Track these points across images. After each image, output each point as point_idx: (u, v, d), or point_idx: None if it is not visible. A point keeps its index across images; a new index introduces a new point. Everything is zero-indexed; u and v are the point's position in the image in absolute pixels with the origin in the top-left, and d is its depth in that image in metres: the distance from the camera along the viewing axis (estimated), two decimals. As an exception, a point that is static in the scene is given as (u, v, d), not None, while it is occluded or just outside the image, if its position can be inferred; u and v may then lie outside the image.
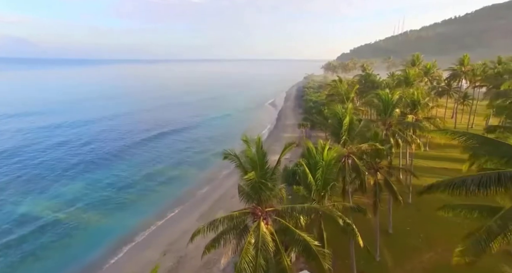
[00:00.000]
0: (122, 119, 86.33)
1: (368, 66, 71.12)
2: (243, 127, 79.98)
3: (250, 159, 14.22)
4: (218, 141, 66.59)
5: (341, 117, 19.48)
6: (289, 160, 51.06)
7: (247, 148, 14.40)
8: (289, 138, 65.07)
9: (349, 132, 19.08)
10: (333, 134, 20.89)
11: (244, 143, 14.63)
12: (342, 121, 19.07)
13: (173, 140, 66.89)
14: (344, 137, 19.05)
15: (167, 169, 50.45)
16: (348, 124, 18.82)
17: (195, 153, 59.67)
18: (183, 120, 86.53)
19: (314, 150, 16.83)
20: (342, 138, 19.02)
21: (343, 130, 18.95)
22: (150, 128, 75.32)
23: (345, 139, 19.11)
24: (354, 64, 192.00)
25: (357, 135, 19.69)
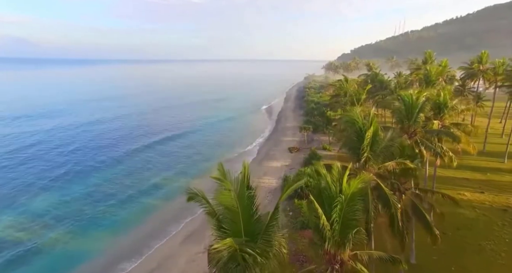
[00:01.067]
0: (117, 122, 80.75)
1: (374, 65, 66.59)
2: (242, 130, 75.37)
3: (228, 210, 9.24)
4: (215, 147, 61.46)
5: (362, 127, 14.65)
6: (290, 168, 46.26)
7: (221, 191, 9.53)
8: (290, 142, 60.32)
9: (372, 147, 14.37)
10: (349, 149, 15.99)
11: (217, 180, 9.80)
12: (363, 132, 14.31)
13: (166, 147, 60.48)
14: (366, 154, 14.32)
15: (156, 178, 45.35)
16: (371, 137, 14.06)
17: (191, 161, 54.25)
18: (182, 124, 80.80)
19: (329, 179, 11.71)
20: (364, 155, 14.30)
21: (365, 144, 14.21)
22: (143, 134, 69.74)
23: (367, 157, 14.38)
24: (356, 64, 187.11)
25: (382, 151, 14.90)
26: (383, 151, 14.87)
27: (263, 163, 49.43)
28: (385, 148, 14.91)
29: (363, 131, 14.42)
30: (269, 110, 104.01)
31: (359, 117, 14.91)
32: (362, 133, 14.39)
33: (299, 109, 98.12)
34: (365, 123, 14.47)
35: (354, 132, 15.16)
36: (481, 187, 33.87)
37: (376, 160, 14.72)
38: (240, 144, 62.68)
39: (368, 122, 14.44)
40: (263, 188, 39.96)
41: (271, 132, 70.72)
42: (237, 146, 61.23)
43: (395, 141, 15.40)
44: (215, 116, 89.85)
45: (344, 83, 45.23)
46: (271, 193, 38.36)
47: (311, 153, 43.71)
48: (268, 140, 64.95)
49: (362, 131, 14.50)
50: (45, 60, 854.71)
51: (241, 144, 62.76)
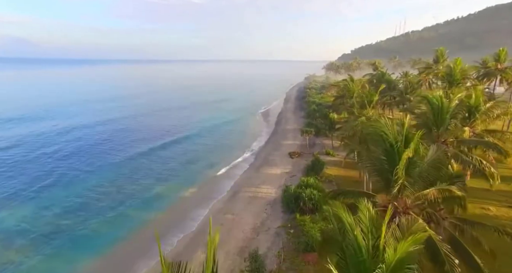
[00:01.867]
0: (111, 126, 75.73)
1: (379, 64, 62.71)
2: (241, 133, 71.48)
3: None
4: (213, 152, 57.41)
5: (394, 143, 10.60)
6: (291, 175, 42.33)
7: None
8: (290, 146, 56.40)
9: (408, 170, 10.52)
10: (375, 171, 11.98)
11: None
12: (396, 151, 10.32)
13: (161, 154, 55.13)
14: (400, 181, 10.42)
15: (147, 188, 41.33)
16: (408, 157, 10.09)
17: (184, 170, 50.05)
18: (181, 128, 76.24)
19: (358, 233, 7.39)
20: (398, 182, 10.39)
21: (400, 168, 10.28)
22: (138, 139, 64.93)
23: (401, 185, 10.49)
24: (358, 63, 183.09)
25: (421, 175, 10.94)
26: (423, 175, 11.00)
27: (262, 170, 45.53)
28: (426, 171, 11.04)
29: (395, 149, 10.49)
30: (268, 112, 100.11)
31: (391, 130, 10.83)
32: (394, 152, 10.48)
33: (299, 110, 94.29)
34: (398, 138, 10.47)
35: (382, 150, 11.20)
36: (507, 200, 29.98)
37: (412, 187, 10.89)
38: (238, 148, 58.85)
39: (402, 136, 10.46)
40: (260, 199, 36.12)
41: (271, 135, 66.82)
42: (235, 150, 57.42)
43: (443, 162, 11.43)
44: (214, 118, 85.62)
45: (350, 83, 41.40)
46: (270, 205, 34.47)
47: (314, 160, 39.81)
48: (268, 143, 61.07)
49: (394, 149, 10.57)
50: (45, 60, 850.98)
51: (239, 148, 58.93)
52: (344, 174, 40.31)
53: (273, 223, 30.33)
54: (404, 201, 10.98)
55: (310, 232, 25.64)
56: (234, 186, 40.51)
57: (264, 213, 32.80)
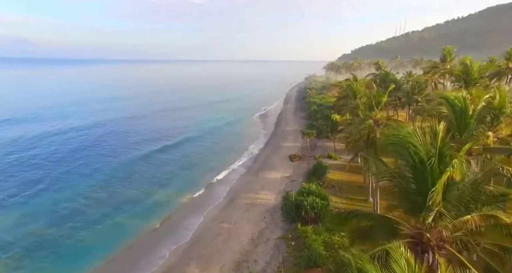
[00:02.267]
0: (108, 127, 72.79)
1: (383, 63, 60.38)
2: (239, 135, 69.33)
3: None
4: (212, 155, 55.28)
5: (427, 159, 8.43)
6: (291, 180, 40.20)
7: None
8: (291, 149, 54.26)
9: (445, 194, 8.23)
10: (400, 192, 9.48)
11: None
12: (432, 169, 7.88)
13: (159, 157, 52.57)
14: (437, 209, 8.12)
15: (140, 194, 38.99)
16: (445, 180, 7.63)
17: (181, 173, 47.60)
18: (182, 129, 73.85)
19: None
20: (434, 210, 8.08)
21: (436, 192, 7.95)
22: (138, 141, 61.81)
23: (438, 212, 8.22)
24: (359, 63, 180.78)
25: (462, 200, 8.51)
26: (464, 200, 8.65)
27: (260, 174, 43.35)
28: (469, 195, 8.70)
29: (427, 166, 8.08)
30: (268, 113, 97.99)
31: (421, 141, 8.40)
32: (426, 170, 8.09)
33: (299, 111, 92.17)
34: (431, 152, 8.04)
35: (409, 166, 8.82)
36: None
37: (450, 214, 8.59)
38: (237, 151, 56.79)
39: (434, 149, 8.07)
40: (259, 206, 33.96)
41: (270, 137, 64.63)
42: (233, 153, 55.35)
43: (488, 180, 9.14)
44: (214, 120, 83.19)
45: (353, 83, 39.24)
46: (269, 213, 32.32)
47: (316, 164, 37.65)
48: (267, 145, 58.90)
49: (425, 166, 8.19)
50: (45, 60, 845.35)
51: (238, 151, 56.86)
52: (348, 179, 38.16)
53: (273, 234, 28.17)
54: (439, 232, 8.76)
55: (313, 245, 23.52)
56: (231, 191, 38.36)
57: (263, 221, 30.65)
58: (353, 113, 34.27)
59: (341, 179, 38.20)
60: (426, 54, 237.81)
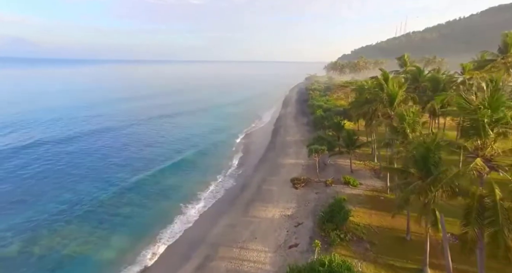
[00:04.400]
0: (93, 139, 58.98)
1: (408, 58, 48.25)
2: (228, 146, 56.94)
3: None
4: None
5: None
6: (295, 222, 27.91)
7: None
8: (293, 168, 41.97)
9: None
10: None
11: None
12: None
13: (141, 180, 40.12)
14: None
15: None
16: None
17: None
18: (176, 137, 61.60)
19: None
20: None
21: None
22: (124, 160, 49.55)
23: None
24: (364, 62, 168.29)
25: None
26: None
27: (251, 210, 30.87)
28: None
29: None
30: (264, 119, 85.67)
31: None
32: None
33: (301, 115, 79.89)
34: None
35: None
36: None
37: None
38: (221, 169, 44.49)
39: None
40: (247, 277, 21.50)
41: (266, 150, 52.10)
42: (215, 172, 43.03)
43: None
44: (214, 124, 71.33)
45: (385, 83, 26.88)
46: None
47: (333, 203, 25.05)
48: (262, 162, 46.47)
49: None
50: (46, 60, 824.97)
51: (222, 168, 44.58)
52: (381, 223, 25.81)
53: None
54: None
55: None
56: (206, 244, 25.81)
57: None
58: (391, 127, 22.01)
59: (370, 223, 25.83)
60: (429, 54, 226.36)
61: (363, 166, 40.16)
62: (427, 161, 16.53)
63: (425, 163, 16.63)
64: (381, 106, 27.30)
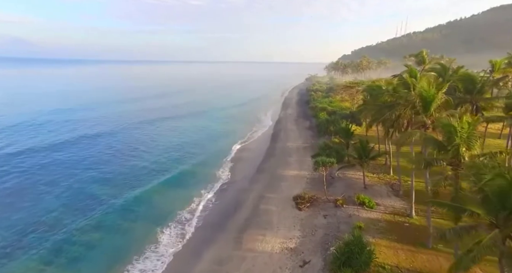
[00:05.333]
0: (77, 148, 52.03)
1: (427, 54, 42.34)
2: (221, 152, 50.99)
3: None
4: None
5: None
6: (300, 260, 22.00)
7: None
8: (295, 181, 36.12)
9: None
10: None
11: None
12: None
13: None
14: None
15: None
16: None
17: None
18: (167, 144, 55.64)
19: None
20: None
21: None
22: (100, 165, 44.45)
23: None
24: (368, 62, 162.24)
25: None
26: None
27: (245, 241, 24.87)
28: None
29: None
30: (263, 121, 79.84)
31: None
32: None
33: (303, 118, 74.03)
34: None
35: None
36: None
37: None
38: (207, 183, 38.68)
39: None
40: None
41: (264, 158, 46.14)
42: (202, 186, 37.22)
43: None
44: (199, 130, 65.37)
45: (414, 82, 21.11)
46: None
47: (352, 240, 19.06)
48: (260, 173, 40.54)
49: None
50: (43, 60, 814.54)
51: (208, 183, 38.77)
52: (413, 264, 19.94)
53: None
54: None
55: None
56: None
57: None
58: (436, 143, 16.07)
59: (398, 264, 19.98)
60: (431, 54, 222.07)
61: (377, 180, 34.34)
62: (509, 201, 10.67)
63: (505, 204, 10.77)
64: (409, 112, 21.47)
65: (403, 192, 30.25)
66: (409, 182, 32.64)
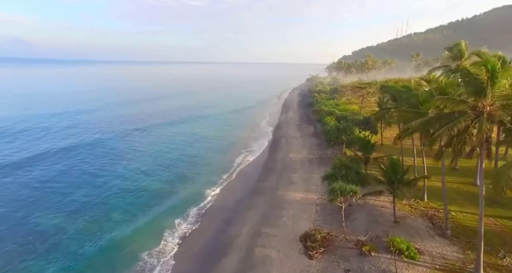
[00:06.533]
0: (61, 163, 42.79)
1: (466, 47, 33.81)
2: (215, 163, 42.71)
3: None
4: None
5: None
6: None
7: None
8: (302, 209, 28.16)
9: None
10: None
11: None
12: None
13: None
14: None
15: None
16: None
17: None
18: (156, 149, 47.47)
19: None
20: None
21: None
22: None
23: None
24: (374, 62, 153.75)
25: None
26: None
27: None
28: None
29: None
30: (265, 123, 71.71)
31: None
32: None
33: (306, 122, 66.04)
34: None
35: None
36: None
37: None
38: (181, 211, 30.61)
39: None
40: None
41: (260, 176, 37.79)
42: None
43: None
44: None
45: (492, 81, 13.55)
46: None
47: None
48: (256, 194, 32.43)
49: None
50: (45, 60, 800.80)
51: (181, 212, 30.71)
52: None
53: None
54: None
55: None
56: None
57: None
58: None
59: None
60: (433, 55, 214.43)
61: (409, 210, 26.26)
62: None
63: None
64: (486, 126, 13.56)
65: (452, 231, 22.23)
66: (454, 213, 25.03)
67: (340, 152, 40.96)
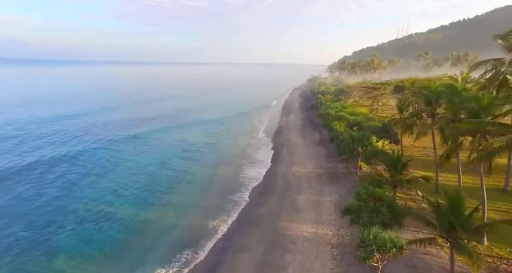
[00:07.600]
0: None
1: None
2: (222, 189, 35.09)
3: None
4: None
5: None
6: None
7: None
8: (312, 251, 20.43)
9: None
10: None
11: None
12: None
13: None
14: None
15: None
16: None
17: None
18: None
19: None
20: None
21: None
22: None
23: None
24: (380, 61, 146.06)
25: None
26: None
27: None
28: None
29: None
30: (264, 127, 64.16)
31: None
32: None
33: (310, 128, 58.59)
34: None
35: None
36: None
37: None
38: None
39: None
40: None
41: (260, 194, 30.34)
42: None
43: None
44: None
45: None
46: None
47: None
48: (251, 226, 24.94)
49: None
50: (45, 61, 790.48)
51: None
52: None
53: None
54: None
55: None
56: None
57: None
58: None
59: None
60: (435, 55, 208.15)
61: (463, 258, 18.56)
62: None
63: None
64: None
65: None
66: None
67: (354, 166, 33.55)
